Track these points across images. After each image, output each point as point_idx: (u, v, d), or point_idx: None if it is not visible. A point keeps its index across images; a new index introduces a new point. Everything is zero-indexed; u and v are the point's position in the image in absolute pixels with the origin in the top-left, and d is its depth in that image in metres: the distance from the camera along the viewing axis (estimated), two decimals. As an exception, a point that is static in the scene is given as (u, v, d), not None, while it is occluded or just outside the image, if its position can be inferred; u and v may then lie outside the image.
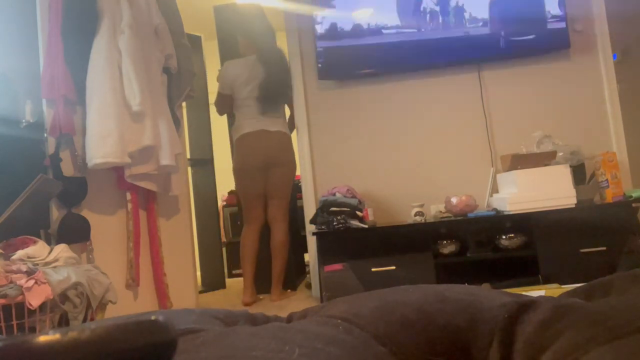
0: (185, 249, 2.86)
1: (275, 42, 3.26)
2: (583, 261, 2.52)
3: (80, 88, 2.28)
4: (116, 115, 2.27)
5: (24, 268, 1.63)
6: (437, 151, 3.14)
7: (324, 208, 2.77)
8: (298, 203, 3.64)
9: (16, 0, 2.31)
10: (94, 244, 2.30)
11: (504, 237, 2.69)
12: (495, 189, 2.96)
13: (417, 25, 3.05)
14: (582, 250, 2.54)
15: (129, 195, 2.49)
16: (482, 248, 2.74)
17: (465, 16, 3.01)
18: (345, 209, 2.74)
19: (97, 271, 1.91)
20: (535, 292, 0.95)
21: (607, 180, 2.66)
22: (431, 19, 3.02)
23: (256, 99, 3.11)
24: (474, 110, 3.12)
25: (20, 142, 2.19)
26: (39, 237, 1.96)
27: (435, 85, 3.17)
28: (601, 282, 0.59)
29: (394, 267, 2.64)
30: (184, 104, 3.35)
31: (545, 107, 3.08)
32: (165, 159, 2.47)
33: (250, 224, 3.20)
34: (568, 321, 0.45)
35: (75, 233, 2.20)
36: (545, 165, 2.66)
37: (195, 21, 3.92)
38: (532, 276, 2.56)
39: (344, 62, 3.13)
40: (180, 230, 2.85)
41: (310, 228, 2.97)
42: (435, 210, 2.93)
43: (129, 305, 2.41)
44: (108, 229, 2.41)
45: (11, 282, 1.57)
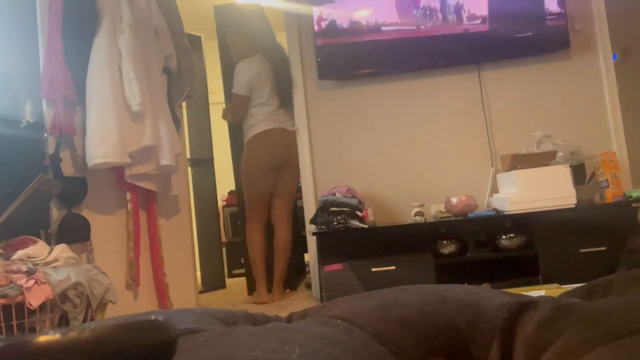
0: (185, 249, 2.86)
1: (276, 41, 3.26)
2: (583, 261, 2.52)
3: (80, 88, 2.28)
4: (116, 115, 2.27)
5: (24, 268, 1.63)
6: (437, 151, 3.14)
7: (324, 208, 2.77)
8: (298, 203, 3.64)
9: (16, 0, 2.31)
10: (94, 244, 2.30)
11: (504, 237, 2.69)
12: (495, 189, 2.96)
13: (416, 23, 3.04)
14: (582, 250, 2.54)
15: (129, 195, 2.49)
16: (482, 248, 2.74)
17: (464, 13, 3.01)
18: (345, 209, 2.73)
19: (97, 271, 1.91)
20: (535, 292, 0.95)
21: (607, 180, 2.66)
22: (430, 15, 3.02)
23: (274, 97, 3.11)
24: (474, 110, 3.12)
25: (20, 142, 2.19)
26: (39, 237, 1.96)
27: (435, 84, 3.16)
28: (601, 282, 0.59)
29: (394, 267, 2.64)
30: (184, 104, 3.35)
31: (545, 107, 3.08)
32: (165, 159, 2.47)
33: (255, 223, 3.18)
34: (568, 321, 0.45)
35: (75, 233, 2.20)
36: (545, 165, 2.66)
37: (195, 21, 3.91)
38: (532, 276, 2.56)
39: (343, 60, 3.13)
40: (180, 230, 2.85)
41: (310, 228, 2.96)
42: (435, 210, 2.93)
43: (129, 305, 2.41)
44: (108, 229, 2.41)
45: (11, 282, 1.57)
